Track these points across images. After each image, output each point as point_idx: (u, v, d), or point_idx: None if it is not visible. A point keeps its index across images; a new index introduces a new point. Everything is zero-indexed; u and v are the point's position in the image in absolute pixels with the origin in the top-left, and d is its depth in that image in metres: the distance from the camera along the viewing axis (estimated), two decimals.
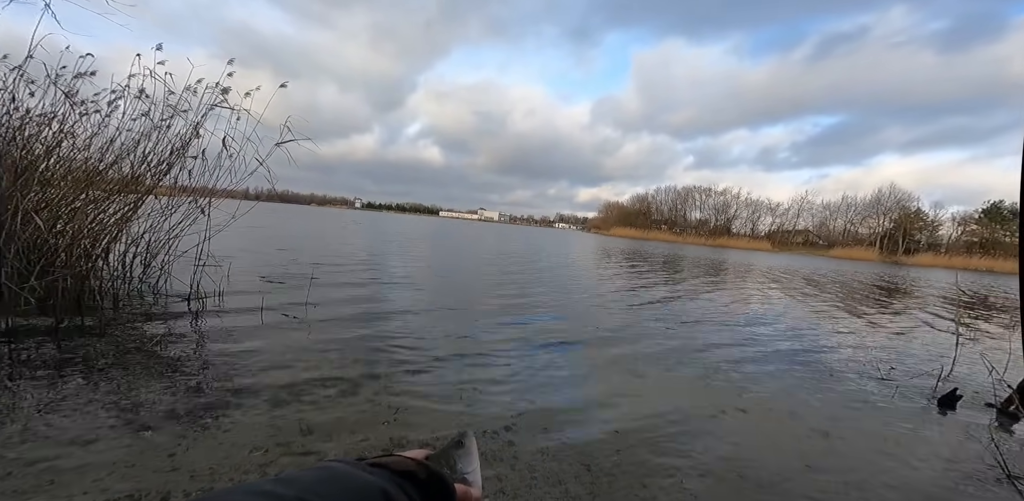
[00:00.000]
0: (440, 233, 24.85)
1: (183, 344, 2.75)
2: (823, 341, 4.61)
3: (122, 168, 4.15)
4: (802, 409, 2.63)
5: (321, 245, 11.02)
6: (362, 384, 2.34)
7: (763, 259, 27.97)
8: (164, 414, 1.83)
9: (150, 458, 1.51)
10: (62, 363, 2.28)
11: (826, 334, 5.00)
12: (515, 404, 2.28)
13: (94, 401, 1.89)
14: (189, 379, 2.21)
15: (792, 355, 3.91)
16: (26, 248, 3.43)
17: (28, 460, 1.46)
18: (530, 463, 1.73)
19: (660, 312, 5.43)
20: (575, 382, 2.72)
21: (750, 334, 4.62)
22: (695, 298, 6.97)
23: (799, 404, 2.71)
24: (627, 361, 3.28)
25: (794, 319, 5.80)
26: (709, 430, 2.22)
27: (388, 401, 2.14)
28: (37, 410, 1.78)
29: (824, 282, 12.34)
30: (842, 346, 4.44)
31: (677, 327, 4.63)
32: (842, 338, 4.85)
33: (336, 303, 4.30)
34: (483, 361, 2.93)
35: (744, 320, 5.39)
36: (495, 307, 4.79)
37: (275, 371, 2.41)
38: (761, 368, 3.41)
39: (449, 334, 3.52)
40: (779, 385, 3.03)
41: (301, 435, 1.74)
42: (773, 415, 2.51)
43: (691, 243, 57.84)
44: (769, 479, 1.80)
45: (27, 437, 1.59)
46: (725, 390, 2.84)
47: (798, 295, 8.59)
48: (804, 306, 7.08)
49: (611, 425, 2.16)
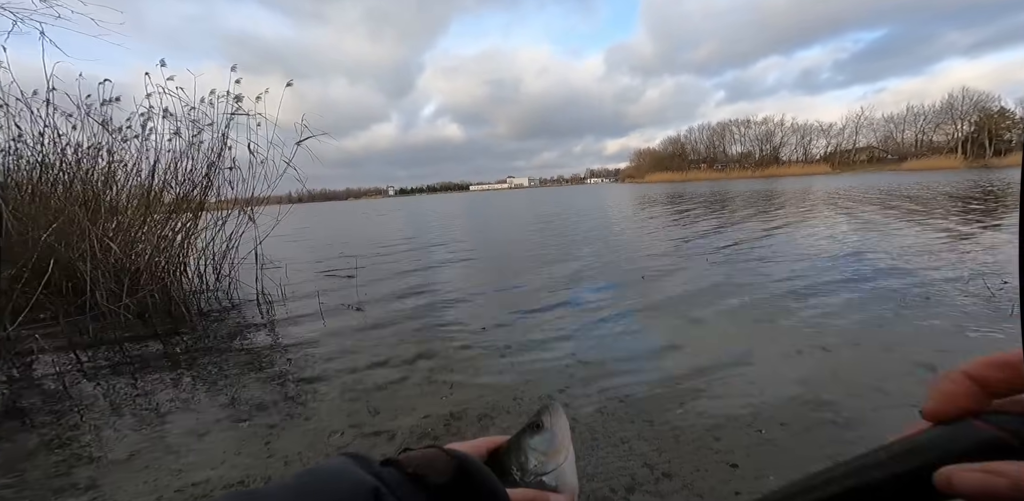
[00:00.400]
0: (473, 207, 24.98)
1: (259, 341, 3.03)
2: (910, 264, 4.08)
3: (174, 189, 4.46)
4: (898, 341, 2.32)
5: (364, 235, 11.46)
6: (418, 363, 2.49)
7: (823, 182, 25.90)
8: (255, 406, 2.05)
9: (250, 446, 1.72)
10: (167, 368, 2.60)
11: (914, 255, 4.43)
12: (569, 366, 2.32)
13: (200, 399, 2.17)
14: (269, 373, 2.45)
15: (875, 282, 3.51)
16: (114, 271, 3.81)
17: (165, 448, 1.71)
18: (589, 424, 1.73)
19: (712, 253, 5.20)
20: (629, 337, 2.72)
21: (820, 266, 4.24)
22: (750, 234, 6.61)
23: (893, 336, 2.40)
24: (681, 308, 3.19)
25: (870, 243, 5.25)
26: (784, 374, 2.05)
27: (443, 377, 2.27)
28: (157, 412, 2.06)
29: (901, 198, 11.20)
30: (936, 266, 3.90)
31: (732, 266, 4.42)
32: (934, 258, 4.23)
33: (386, 288, 4.51)
34: (532, 327, 2.99)
35: (811, 251, 4.99)
36: (539, 273, 4.82)
37: (339, 358, 2.61)
38: (839, 300, 3.10)
39: (497, 305, 3.61)
40: (864, 317, 2.72)
41: (370, 416, 1.90)
42: (863, 351, 2.25)
43: (736, 178, 54.37)
44: (870, 424, 1.59)
45: (156, 432, 1.86)
46: (798, 328, 2.63)
47: (871, 216, 7.82)
48: (881, 228, 6.42)
49: (672, 377, 2.10)
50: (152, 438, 1.82)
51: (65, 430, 1.93)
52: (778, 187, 24.32)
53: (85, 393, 2.31)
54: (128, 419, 2.00)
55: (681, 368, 2.21)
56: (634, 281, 4.18)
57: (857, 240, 5.54)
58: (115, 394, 2.28)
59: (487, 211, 19.24)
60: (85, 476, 1.58)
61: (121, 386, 2.38)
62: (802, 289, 3.47)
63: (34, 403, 2.22)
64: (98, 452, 1.74)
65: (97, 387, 2.38)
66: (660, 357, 2.38)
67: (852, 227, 6.74)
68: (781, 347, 2.38)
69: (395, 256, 6.79)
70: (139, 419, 2.00)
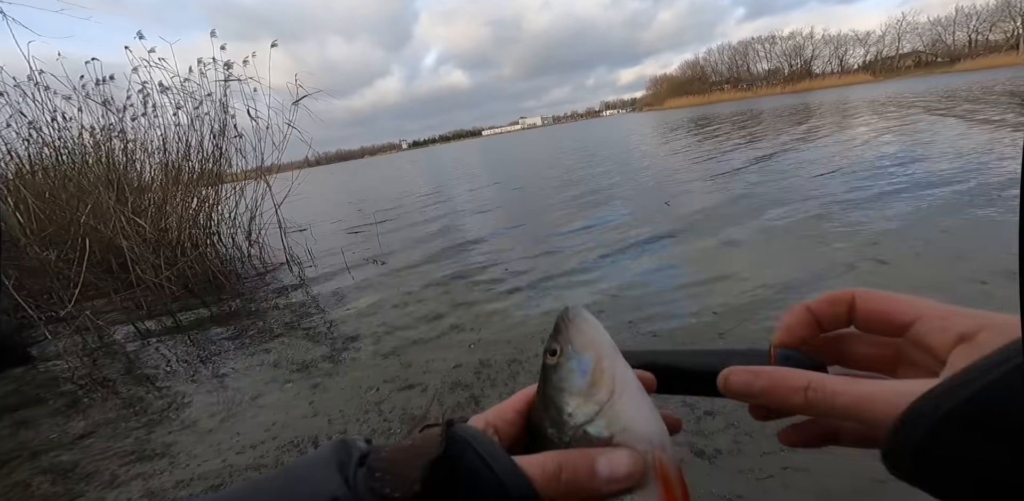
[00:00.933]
0: (487, 153, 24.32)
1: (294, 303, 3.21)
2: (974, 163, 3.72)
3: (192, 161, 4.53)
4: (971, 248, 2.11)
5: (384, 191, 11.47)
6: (444, 312, 2.59)
7: (864, 91, 23.62)
8: (297, 367, 2.21)
9: (296, 407, 1.86)
10: (217, 334, 2.83)
11: (979, 153, 4.07)
12: (600, 303, 2.31)
13: (249, 363, 2.36)
14: (306, 334, 2.62)
15: (936, 186, 3.23)
16: (152, 246, 4.02)
17: (224, 411, 1.92)
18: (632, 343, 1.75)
19: (744, 174, 4.96)
20: (661, 270, 2.65)
21: (870, 174, 3.96)
22: (784, 149, 6.27)
23: (965, 243, 2.18)
24: (716, 233, 3.08)
25: (921, 147, 4.87)
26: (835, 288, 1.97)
27: (471, 324, 2.37)
28: (214, 376, 2.29)
29: (956, 99, 10.13)
30: (998, 167, 3.56)
31: (767, 185, 4.21)
32: (996, 157, 3.87)
33: (411, 240, 4.61)
34: (561, 267, 2.98)
35: (856, 160, 4.68)
36: (564, 211, 4.75)
37: (370, 315, 2.75)
38: (893, 210, 2.87)
39: (524, 248, 3.63)
40: (922, 226, 2.49)
41: (403, 369, 2.01)
42: (929, 261, 2.08)
43: (765, 95, 50.30)
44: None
45: (215, 397, 2.08)
46: (849, 242, 2.44)
47: (923, 120, 7.14)
48: (934, 129, 5.92)
49: (709, 308, 2.01)
50: (211, 403, 1.99)
51: (138, 399, 2.15)
52: (813, 100, 22.40)
53: (150, 363, 2.55)
54: (191, 385, 2.20)
55: (719, 296, 2.15)
56: (659, 207, 4.10)
57: (906, 144, 5.16)
58: (176, 363, 2.51)
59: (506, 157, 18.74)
60: (160, 441, 1.75)
61: (180, 354, 2.61)
62: (850, 200, 3.31)
63: (108, 374, 2.47)
64: (168, 417, 1.92)
65: (159, 357, 2.62)
66: (696, 286, 2.31)
67: (901, 132, 6.24)
68: (831, 263, 2.27)
69: (417, 204, 6.85)
70: (199, 384, 2.19)
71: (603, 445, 0.24)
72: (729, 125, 12.83)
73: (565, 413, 0.25)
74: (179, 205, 4.36)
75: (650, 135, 15.18)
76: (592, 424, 0.24)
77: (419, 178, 13.82)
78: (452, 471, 0.23)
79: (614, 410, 0.24)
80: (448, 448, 0.23)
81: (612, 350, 0.26)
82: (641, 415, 0.24)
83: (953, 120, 6.78)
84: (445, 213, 6.08)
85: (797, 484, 1.09)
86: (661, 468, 0.23)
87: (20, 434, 1.95)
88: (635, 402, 0.25)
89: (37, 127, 4.35)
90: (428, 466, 0.23)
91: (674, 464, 0.24)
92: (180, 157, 4.48)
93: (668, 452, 0.24)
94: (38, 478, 1.64)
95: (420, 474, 0.23)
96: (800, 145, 6.78)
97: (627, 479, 0.22)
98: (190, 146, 4.46)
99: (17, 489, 1.60)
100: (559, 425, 0.25)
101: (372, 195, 10.57)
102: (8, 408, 2.20)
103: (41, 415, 2.09)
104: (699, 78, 75.77)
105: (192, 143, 4.46)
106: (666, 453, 0.24)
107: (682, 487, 0.23)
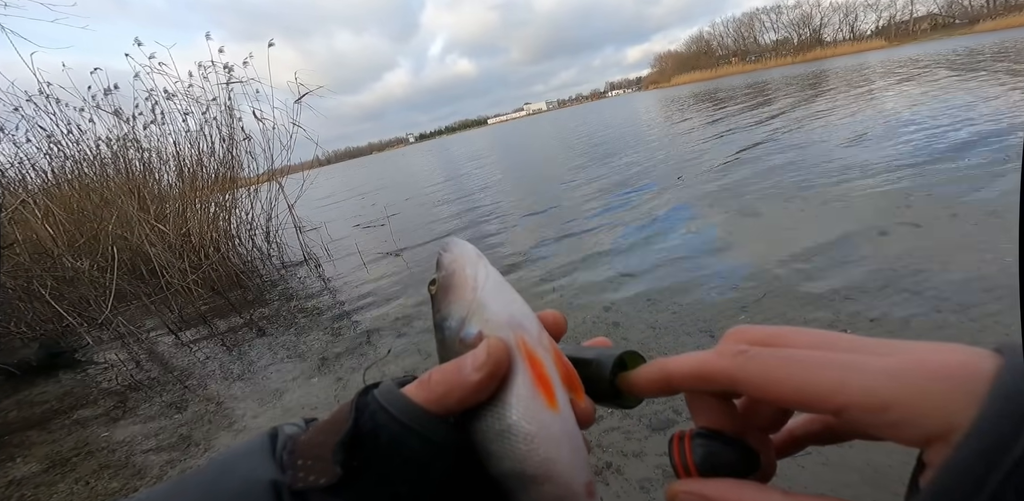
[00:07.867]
0: (493, 142, 24.11)
1: (315, 299, 3.30)
2: (999, 124, 3.59)
3: (208, 166, 4.62)
4: (1007, 205, 2.04)
5: (393, 184, 11.51)
6: None
7: (879, 57, 22.72)
8: (320, 362, 2.28)
9: (322, 401, 1.91)
10: (245, 334, 2.92)
11: (1003, 114, 3.94)
12: (612, 281, 2.33)
13: (277, 360, 2.44)
14: (327, 328, 2.70)
15: (965, 147, 3.12)
16: (176, 251, 4.15)
17: (256, 407, 2.01)
18: (642, 340, 1.72)
19: (757, 145, 4.88)
20: (681, 242, 2.66)
21: (892, 136, 3.87)
22: (798, 119, 6.10)
23: (1001, 202, 2.09)
24: (733, 202, 3.03)
25: (947, 106, 4.71)
26: (868, 255, 1.82)
27: None
28: (247, 373, 2.38)
29: (978, 59, 9.71)
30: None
31: (781, 155, 4.13)
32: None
33: (424, 231, 4.66)
34: (572, 248, 2.97)
35: (874, 125, 4.55)
36: (577, 192, 4.72)
37: (387, 306, 2.81)
38: (925, 171, 2.76)
39: (534, 228, 3.63)
40: (957, 185, 2.40)
41: (422, 359, 2.07)
42: (965, 221, 1.99)
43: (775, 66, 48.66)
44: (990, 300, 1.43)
45: (247, 394, 2.17)
46: (876, 205, 2.36)
47: (942, 80, 6.89)
48: (957, 90, 5.67)
49: (732, 281, 1.98)
50: (243, 400, 2.08)
51: (178, 398, 2.25)
52: (825, 67, 21.63)
53: (185, 364, 2.65)
54: (223, 383, 2.30)
55: (741, 268, 2.12)
56: (672, 181, 4.06)
57: (931, 107, 4.98)
58: (210, 362, 2.61)
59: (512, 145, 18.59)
60: (201, 438, 1.84)
61: (213, 354, 2.71)
62: (875, 164, 3.22)
63: (149, 376, 2.59)
64: (206, 416, 2.01)
65: (194, 358, 2.72)
66: (719, 256, 2.29)
67: (922, 94, 6.02)
68: (861, 228, 2.21)
69: (429, 195, 6.85)
70: (230, 382, 2.28)
71: (473, 345, 0.24)
72: (739, 100, 12.48)
73: (446, 328, 0.26)
74: (199, 211, 4.46)
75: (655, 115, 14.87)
76: (464, 329, 0.25)
77: (433, 169, 13.80)
78: (375, 441, 0.22)
79: (478, 305, 0.25)
80: (359, 418, 0.22)
81: (476, 257, 0.27)
82: (499, 303, 0.25)
83: (985, 83, 6.48)
84: (459, 202, 6.09)
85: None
86: (522, 346, 0.23)
87: (77, 433, 2.08)
88: (495, 294, 0.25)
89: (56, 140, 4.46)
90: (341, 446, 0.21)
91: (541, 342, 0.24)
92: (194, 163, 4.57)
93: (530, 331, 0.24)
94: (97, 475, 1.75)
95: (335, 457, 0.21)
96: (815, 113, 6.58)
97: (489, 362, 0.22)
98: (202, 152, 4.54)
99: (79, 485, 1.71)
100: (445, 343, 0.26)
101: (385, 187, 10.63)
102: (64, 409, 2.33)
103: (93, 416, 2.21)
104: (705, 52, 74.14)
105: (203, 149, 4.54)
106: (528, 332, 0.24)
107: (561, 364, 0.24)
